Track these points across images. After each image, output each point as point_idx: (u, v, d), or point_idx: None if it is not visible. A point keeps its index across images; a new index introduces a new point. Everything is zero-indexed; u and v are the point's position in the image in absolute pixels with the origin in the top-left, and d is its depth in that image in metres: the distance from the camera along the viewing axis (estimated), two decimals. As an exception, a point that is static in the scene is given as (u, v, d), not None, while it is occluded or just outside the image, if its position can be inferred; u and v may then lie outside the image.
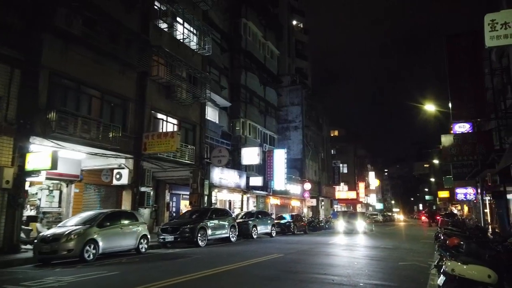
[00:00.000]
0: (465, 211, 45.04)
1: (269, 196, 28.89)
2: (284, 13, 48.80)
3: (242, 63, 29.93)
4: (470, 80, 13.66)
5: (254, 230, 19.11)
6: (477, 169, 14.01)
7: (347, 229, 24.11)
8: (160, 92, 18.09)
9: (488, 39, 6.52)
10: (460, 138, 14.57)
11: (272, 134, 33.91)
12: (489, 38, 6.52)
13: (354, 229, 23.89)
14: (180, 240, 14.20)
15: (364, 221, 24.81)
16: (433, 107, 21.96)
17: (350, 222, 24.52)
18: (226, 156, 20.00)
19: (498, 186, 18.18)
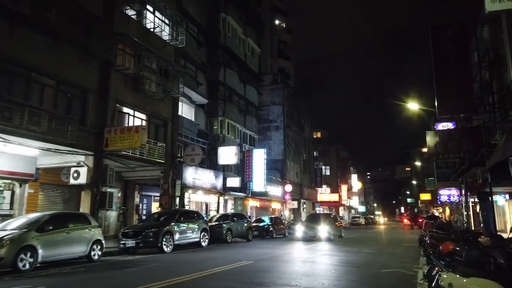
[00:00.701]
0: (446, 214, 44.84)
1: (248, 198, 27.63)
2: (267, 12, 47.88)
3: (221, 59, 28.65)
4: (457, 72, 12.82)
5: (229, 234, 17.81)
6: (463, 167, 13.13)
7: (306, 235, 19.45)
8: (127, 84, 16.65)
9: (489, 2, 5.51)
10: (445, 135, 13.68)
11: (252, 134, 32.71)
12: (490, 1, 5.50)
13: (316, 236, 19.14)
14: (142, 245, 12.79)
15: (328, 225, 19.78)
16: (416, 105, 21.22)
17: (310, 227, 19.80)
18: (200, 155, 18.67)
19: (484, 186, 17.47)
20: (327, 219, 20.85)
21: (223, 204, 27.28)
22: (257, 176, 27.25)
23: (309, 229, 19.69)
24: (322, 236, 18.94)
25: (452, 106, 12.84)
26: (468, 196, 20.85)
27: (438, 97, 13.06)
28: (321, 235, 19.00)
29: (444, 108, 13.01)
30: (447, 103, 12.84)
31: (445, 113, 13.35)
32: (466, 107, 12.77)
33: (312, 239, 18.91)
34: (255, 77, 35.11)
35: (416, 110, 21.94)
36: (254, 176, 27.26)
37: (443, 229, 15.74)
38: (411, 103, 21.31)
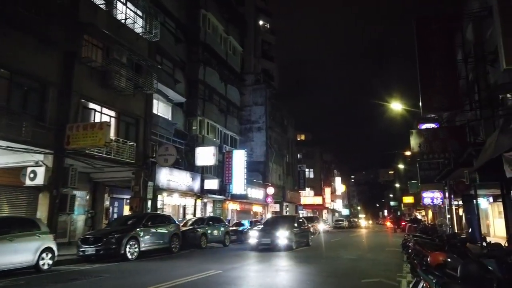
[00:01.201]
0: (429, 217, 44.69)
1: (227, 201, 26.57)
2: (250, 12, 47.10)
3: (201, 57, 27.62)
4: (442, 67, 12.18)
5: (204, 239, 16.75)
6: (448, 168, 12.47)
7: (261, 243, 15.61)
8: (93, 78, 15.46)
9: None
10: (430, 134, 13.01)
11: (234, 135, 31.72)
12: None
13: (272, 244, 15.29)
14: (103, 252, 11.64)
15: (289, 231, 15.91)
16: (399, 106, 20.63)
17: (266, 232, 15.90)
18: (174, 155, 17.56)
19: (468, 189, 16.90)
20: (289, 223, 17.07)
21: (202, 207, 26.17)
22: (237, 178, 26.25)
23: (264, 235, 15.76)
24: (281, 244, 15.24)
25: (437, 103, 12.18)
26: (451, 199, 20.33)
27: (422, 93, 12.38)
28: (279, 242, 15.26)
29: (429, 105, 12.33)
30: (432, 100, 12.17)
31: (430, 110, 12.69)
32: (451, 105, 12.12)
33: (268, 248, 15.23)
34: (237, 76, 34.19)
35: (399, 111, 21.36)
36: (234, 178, 26.25)
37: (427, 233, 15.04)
38: (395, 103, 20.71)
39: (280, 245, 15.26)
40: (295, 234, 16.41)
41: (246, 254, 14.24)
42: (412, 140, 13.63)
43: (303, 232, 17.88)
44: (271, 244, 15.30)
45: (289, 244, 15.52)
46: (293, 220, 18.08)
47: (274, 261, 12.04)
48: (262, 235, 15.76)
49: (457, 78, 12.20)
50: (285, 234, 15.57)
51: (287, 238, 15.50)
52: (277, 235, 15.48)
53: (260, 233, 16.03)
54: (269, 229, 16.24)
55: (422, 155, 13.04)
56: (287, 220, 18.31)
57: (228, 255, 13.75)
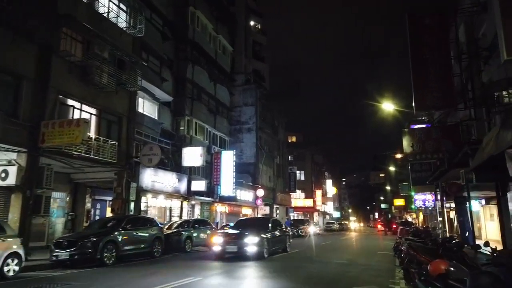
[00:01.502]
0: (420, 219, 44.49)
1: (215, 203, 25.87)
2: (241, 12, 46.58)
3: (189, 55, 26.96)
4: (435, 64, 11.73)
5: (188, 242, 16.06)
6: (442, 169, 12.01)
7: (226, 251, 13.11)
8: (73, 73, 14.70)
9: None
10: (423, 133, 12.55)
11: (223, 136, 31.06)
12: None
13: (240, 251, 12.81)
14: (78, 257, 10.88)
15: (260, 236, 13.29)
16: (391, 106, 20.22)
17: (233, 239, 13.32)
18: (158, 155, 16.85)
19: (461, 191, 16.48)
20: (260, 227, 14.47)
21: (190, 209, 25.45)
22: (225, 180, 25.58)
23: (229, 242, 13.12)
24: (250, 252, 12.75)
25: (430, 101, 11.72)
26: (444, 201, 19.93)
27: (415, 91, 11.91)
28: (248, 250, 12.74)
29: (422, 103, 11.85)
30: (425, 98, 11.71)
31: (423, 108, 12.22)
32: (445, 103, 11.67)
33: (235, 256, 12.98)
34: (227, 76, 33.59)
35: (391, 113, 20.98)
36: (222, 179, 25.58)
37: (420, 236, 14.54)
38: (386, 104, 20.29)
39: (249, 253, 12.74)
40: (268, 239, 13.82)
41: (232, 258, 13.51)
42: (405, 140, 13.16)
43: (279, 236, 15.26)
44: (238, 252, 12.84)
45: (259, 252, 12.98)
46: (266, 223, 15.28)
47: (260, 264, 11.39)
48: (227, 242, 13.09)
49: (451, 75, 11.76)
50: (254, 241, 12.94)
51: (257, 245, 12.94)
52: (245, 241, 12.90)
53: (225, 240, 13.23)
54: (236, 234, 13.70)
55: (414, 155, 12.57)
56: (258, 223, 15.65)
57: (211, 260, 13.06)
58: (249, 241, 12.95)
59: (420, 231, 17.06)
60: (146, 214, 18.69)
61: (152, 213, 21.80)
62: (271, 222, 15.33)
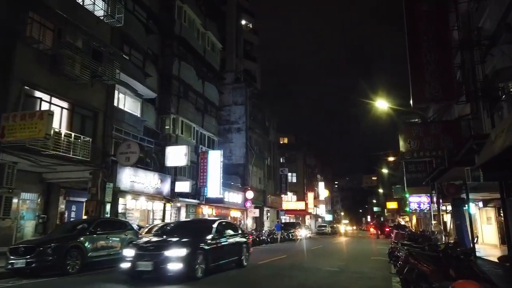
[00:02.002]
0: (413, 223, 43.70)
1: (201, 205, 24.66)
2: (232, 11, 45.70)
3: (176, 51, 25.81)
4: (435, 52, 10.78)
5: (168, 247, 14.79)
6: (441, 168, 11.03)
7: (137, 268, 8.98)
8: (41, 62, 13.48)
9: None
10: (421, 129, 11.57)
11: (211, 136, 29.89)
12: None
13: (157, 269, 8.84)
14: (36, 265, 9.64)
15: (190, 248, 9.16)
16: (385, 104, 19.29)
17: (148, 251, 9.25)
18: (137, 153, 15.66)
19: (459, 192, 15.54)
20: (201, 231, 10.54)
21: (176, 212, 24.25)
22: (212, 181, 24.41)
23: (143, 255, 9.02)
24: (172, 270, 8.74)
25: (429, 93, 10.72)
26: (440, 204, 19.00)
27: (412, 82, 10.93)
28: (169, 268, 8.74)
29: (420, 96, 10.85)
30: (424, 89, 10.72)
31: (421, 101, 11.22)
32: (446, 95, 10.69)
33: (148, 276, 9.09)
34: (216, 74, 32.47)
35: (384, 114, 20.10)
36: (209, 180, 24.40)
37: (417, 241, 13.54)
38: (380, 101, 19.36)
39: (171, 273, 8.73)
40: (206, 251, 9.57)
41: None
42: (401, 137, 12.16)
43: (229, 246, 11.01)
44: (153, 272, 8.82)
45: (188, 270, 8.85)
46: (208, 227, 10.82)
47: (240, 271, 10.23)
48: (139, 256, 8.96)
49: (452, 65, 10.80)
50: (178, 253, 8.80)
51: (184, 260, 8.77)
52: (165, 255, 8.79)
53: (138, 253, 9.07)
54: (154, 244, 9.52)
55: (412, 153, 11.58)
56: (197, 228, 11.30)
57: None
58: (171, 254, 8.77)
59: (416, 235, 16.09)
60: (125, 217, 17.46)
61: (134, 216, 20.59)
62: (217, 226, 10.93)
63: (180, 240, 9.47)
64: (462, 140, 11.21)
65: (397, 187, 39.23)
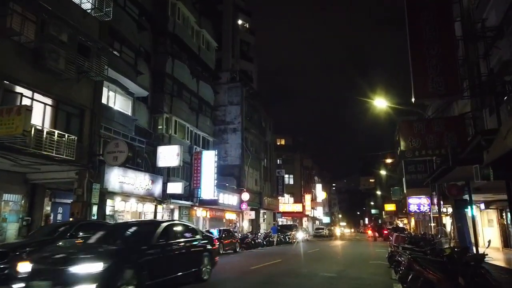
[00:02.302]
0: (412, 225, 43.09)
1: (195, 207, 23.93)
2: (228, 10, 45.10)
3: (169, 49, 25.17)
4: (438, 44, 10.15)
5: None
6: (444, 167, 10.40)
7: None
8: (23, 56, 12.76)
9: None
10: (423, 126, 10.92)
11: (206, 136, 29.20)
12: None
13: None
14: (9, 272, 8.89)
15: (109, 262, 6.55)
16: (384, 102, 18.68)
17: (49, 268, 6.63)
18: (125, 152, 14.94)
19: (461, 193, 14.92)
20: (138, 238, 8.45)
21: (169, 214, 23.50)
22: (206, 182, 23.70)
23: (40, 272, 6.67)
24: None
25: (432, 88, 10.07)
26: (441, 205, 18.39)
27: (414, 77, 10.28)
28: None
29: (422, 90, 10.20)
30: (426, 84, 10.08)
31: (423, 96, 10.55)
32: (450, 89, 10.03)
33: None
34: (211, 74, 31.81)
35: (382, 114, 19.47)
36: (203, 181, 23.70)
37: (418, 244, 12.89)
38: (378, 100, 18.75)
39: None
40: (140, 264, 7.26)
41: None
42: (401, 135, 11.51)
43: (181, 255, 8.76)
44: None
45: None
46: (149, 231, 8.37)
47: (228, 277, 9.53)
48: (36, 273, 6.67)
49: (456, 58, 10.16)
50: (91, 268, 6.41)
51: (99, 279, 6.35)
52: (71, 272, 6.38)
53: (34, 269, 6.76)
54: (57, 257, 6.96)
55: (413, 152, 10.92)
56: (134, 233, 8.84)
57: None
58: (79, 270, 6.36)
59: (417, 238, 15.44)
60: (113, 219, 16.73)
61: (125, 218, 19.87)
62: (163, 229, 8.44)
63: (98, 249, 7.17)
64: (467, 137, 10.58)
65: (395, 189, 38.60)
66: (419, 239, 13.40)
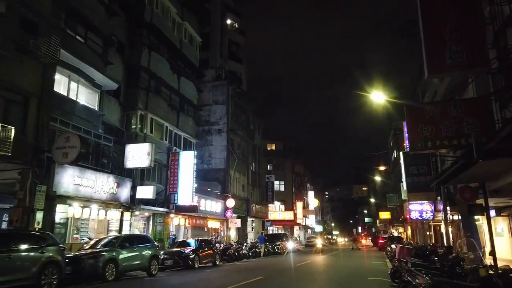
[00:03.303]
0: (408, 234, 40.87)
1: (171, 215, 21.39)
2: (216, 9, 43.16)
3: (145, 40, 22.86)
4: (457, 5, 8.00)
5: (111, 266, 11.60)
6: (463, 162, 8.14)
7: None
8: None
9: None
10: (437, 110, 8.65)
11: (188, 137, 26.80)
12: None
13: None
14: None
15: None
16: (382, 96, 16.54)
17: None
18: (77, 147, 12.51)
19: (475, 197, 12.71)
20: None
21: (144, 222, 20.96)
22: (184, 186, 21.22)
23: None
24: None
25: (451, 59, 7.85)
26: (447, 212, 16.15)
27: (427, 47, 8.02)
28: None
29: (438, 63, 7.93)
30: (443, 54, 7.85)
31: (440, 70, 8.23)
32: (473, 60, 7.81)
33: None
34: (195, 70, 29.49)
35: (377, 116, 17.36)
36: (180, 186, 21.21)
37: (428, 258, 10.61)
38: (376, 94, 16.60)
39: None
40: None
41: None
42: (409, 121, 9.24)
43: None
44: None
45: None
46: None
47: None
48: None
49: (482, 22, 7.92)
50: None
51: None
52: None
53: None
54: None
55: (424, 142, 8.63)
56: None
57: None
58: None
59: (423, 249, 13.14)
60: (65, 228, 14.16)
61: (91, 227, 17.32)
62: None
63: None
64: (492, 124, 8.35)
65: (391, 195, 36.44)
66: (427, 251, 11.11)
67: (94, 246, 12.60)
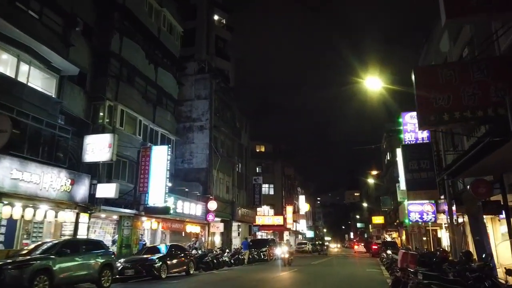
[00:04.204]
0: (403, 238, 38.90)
1: (142, 218, 19.00)
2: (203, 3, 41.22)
3: (117, 24, 20.63)
4: None
5: (42, 279, 9.23)
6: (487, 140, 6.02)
7: None
8: None
9: None
10: (455, 74, 6.52)
11: (166, 133, 24.53)
12: None
13: None
14: None
15: None
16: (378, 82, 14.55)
17: None
18: (7, 132, 10.22)
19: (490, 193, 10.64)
20: None
21: (114, 226, 18.59)
22: (155, 185, 18.87)
23: None
24: None
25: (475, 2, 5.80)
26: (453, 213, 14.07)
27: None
28: None
29: (459, 5, 5.90)
30: None
31: (461, 14, 6.10)
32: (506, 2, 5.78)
33: None
34: (175, 62, 27.26)
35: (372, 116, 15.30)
36: (151, 184, 18.86)
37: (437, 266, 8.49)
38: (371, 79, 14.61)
39: None
40: None
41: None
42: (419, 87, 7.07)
43: None
44: None
45: None
46: None
47: None
48: None
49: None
50: None
51: None
52: None
53: None
54: None
55: (439, 114, 6.44)
56: None
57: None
58: None
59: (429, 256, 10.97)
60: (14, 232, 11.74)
61: (45, 231, 14.97)
62: None
63: None
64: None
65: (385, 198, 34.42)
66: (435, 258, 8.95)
67: (31, 253, 10.25)
